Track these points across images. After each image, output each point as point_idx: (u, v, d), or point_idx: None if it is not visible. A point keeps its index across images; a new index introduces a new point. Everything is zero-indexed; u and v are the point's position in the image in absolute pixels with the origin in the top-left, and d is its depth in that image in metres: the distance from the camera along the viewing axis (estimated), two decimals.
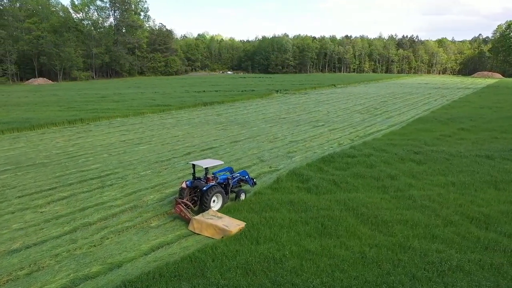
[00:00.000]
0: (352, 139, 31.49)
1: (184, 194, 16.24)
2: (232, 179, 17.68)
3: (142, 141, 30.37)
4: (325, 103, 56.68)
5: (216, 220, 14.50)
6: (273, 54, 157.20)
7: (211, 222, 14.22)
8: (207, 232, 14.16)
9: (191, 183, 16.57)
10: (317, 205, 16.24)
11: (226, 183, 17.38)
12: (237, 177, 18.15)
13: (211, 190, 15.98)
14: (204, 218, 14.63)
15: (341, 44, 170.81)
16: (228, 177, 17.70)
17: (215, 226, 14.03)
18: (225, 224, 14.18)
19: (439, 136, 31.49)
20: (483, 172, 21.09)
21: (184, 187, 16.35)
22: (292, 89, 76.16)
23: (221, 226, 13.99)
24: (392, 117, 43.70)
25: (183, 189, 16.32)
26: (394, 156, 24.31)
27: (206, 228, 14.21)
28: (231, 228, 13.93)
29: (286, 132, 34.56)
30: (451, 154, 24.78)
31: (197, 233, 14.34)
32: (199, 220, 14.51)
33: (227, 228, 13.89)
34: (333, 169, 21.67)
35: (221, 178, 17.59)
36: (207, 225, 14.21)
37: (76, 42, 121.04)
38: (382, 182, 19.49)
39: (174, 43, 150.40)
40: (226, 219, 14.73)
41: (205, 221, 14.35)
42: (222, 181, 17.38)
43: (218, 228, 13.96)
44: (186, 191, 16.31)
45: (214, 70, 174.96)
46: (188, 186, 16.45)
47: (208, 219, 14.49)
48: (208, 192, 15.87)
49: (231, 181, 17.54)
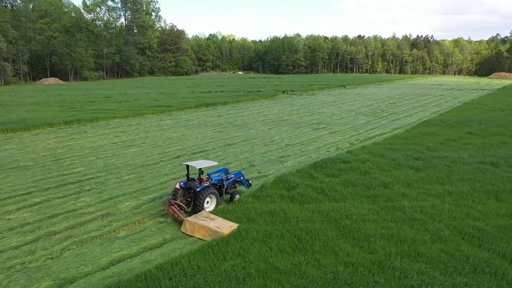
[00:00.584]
0: (351, 143, 30.23)
1: (178, 195, 16.09)
2: (226, 180, 17.50)
3: (134, 143, 29.66)
4: (330, 105, 55.32)
5: (208, 221, 14.32)
6: (284, 55, 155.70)
7: (203, 224, 14.06)
8: (198, 233, 13.99)
9: (185, 184, 16.45)
10: (298, 216, 15.15)
11: (220, 184, 17.21)
12: (231, 178, 17.94)
13: (205, 191, 15.85)
14: (196, 219, 14.46)
15: (353, 44, 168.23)
16: (223, 178, 17.52)
17: (207, 227, 13.85)
18: (217, 225, 13.99)
19: (443, 140, 29.97)
20: (485, 181, 19.67)
21: (178, 188, 16.22)
22: (300, 90, 74.86)
23: (213, 228, 13.80)
24: (398, 120, 42.16)
25: (177, 190, 16.19)
26: (391, 162, 23.00)
27: (198, 229, 14.05)
28: (223, 229, 13.71)
29: (285, 135, 33.45)
30: (453, 161, 23.35)
31: (189, 234, 14.16)
32: (191, 221, 14.34)
33: (219, 230, 13.68)
34: (323, 176, 20.52)
35: (215, 179, 17.36)
36: (199, 226, 14.05)
37: (87, 42, 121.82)
38: (374, 190, 18.27)
39: (185, 43, 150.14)
40: (219, 220, 14.54)
41: (197, 223, 14.18)
42: (217, 182, 17.21)
43: (210, 230, 13.78)
44: (180, 192, 16.17)
45: (225, 70, 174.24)
46: (182, 187, 16.33)
47: (200, 221, 14.32)
48: (201, 193, 15.73)
49: (226, 182, 17.36)
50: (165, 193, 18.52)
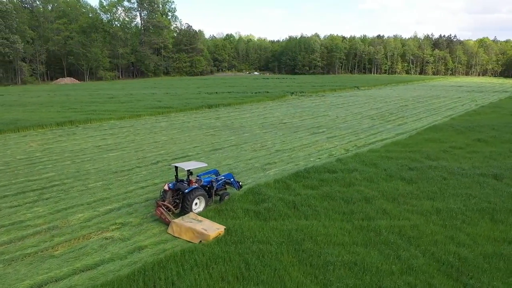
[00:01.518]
0: (347, 149, 28.28)
1: (166, 197, 15.95)
2: (216, 181, 17.35)
3: (118, 146, 28.56)
4: (338, 107, 53.18)
5: (195, 223, 14.13)
6: (300, 55, 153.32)
7: (189, 226, 13.90)
8: (185, 235, 13.83)
9: (173, 185, 16.31)
10: (256, 235, 13.52)
11: (210, 186, 17.10)
12: (221, 180, 17.73)
13: (193, 192, 15.72)
14: (183, 221, 14.31)
15: (372, 44, 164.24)
16: (212, 179, 17.37)
17: (193, 230, 13.68)
18: (204, 228, 13.79)
19: (447, 148, 27.66)
20: (482, 197, 17.52)
21: (167, 190, 16.10)
22: (310, 91, 72.83)
23: (199, 230, 13.61)
24: (405, 124, 39.80)
25: (165, 192, 16.09)
26: (381, 173, 21.03)
27: (185, 231, 13.90)
28: (210, 232, 13.52)
29: (279, 139, 31.76)
30: (451, 172, 21.18)
31: (176, 236, 13.99)
32: (178, 223, 14.19)
33: (205, 232, 13.49)
34: (301, 188, 18.78)
35: (205, 180, 17.19)
36: (186, 228, 13.90)
37: (103, 43, 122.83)
38: (352, 206, 16.44)
39: (200, 43, 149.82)
40: (206, 222, 14.33)
41: (184, 225, 14.02)
42: (206, 183, 17.09)
43: (197, 232, 13.60)
44: (168, 193, 16.02)
45: (241, 70, 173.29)
46: (171, 188, 16.17)
47: (187, 223, 14.16)
48: (189, 195, 15.62)
49: (215, 184, 17.21)
50: (125, 203, 17.21)
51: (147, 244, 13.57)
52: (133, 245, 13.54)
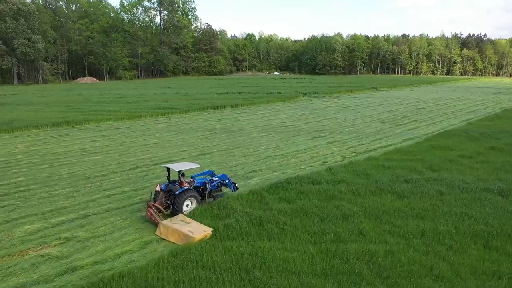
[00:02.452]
0: (344, 156, 26.27)
1: (158, 198, 15.89)
2: (210, 183, 17.06)
3: (103, 149, 27.58)
4: (349, 109, 50.84)
5: (182, 225, 13.93)
6: (321, 55, 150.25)
7: (176, 228, 13.74)
8: (172, 237, 13.68)
9: (165, 187, 16.18)
10: (202, 259, 11.94)
11: (203, 187, 16.86)
12: (216, 181, 17.45)
13: (184, 194, 15.59)
14: (171, 223, 14.17)
15: (396, 43, 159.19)
16: (206, 181, 17.08)
17: (179, 232, 13.52)
18: (190, 230, 13.59)
19: (455, 157, 25.20)
20: (479, 217, 15.29)
21: (158, 190, 16.05)
22: (325, 92, 70.50)
23: (185, 232, 13.43)
24: (416, 129, 37.24)
25: (157, 193, 16.04)
26: (371, 185, 19.00)
27: (172, 233, 13.75)
28: (196, 234, 13.35)
29: (274, 144, 30.04)
30: (450, 186, 18.91)
31: (164, 238, 13.85)
32: (165, 225, 14.05)
33: (191, 234, 13.31)
34: (276, 201, 17.03)
35: (198, 181, 16.94)
36: (173, 230, 13.75)
37: (122, 42, 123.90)
38: (326, 224, 14.60)
39: (220, 43, 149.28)
40: (194, 224, 14.13)
41: (171, 226, 13.87)
42: (199, 185, 16.86)
43: (183, 234, 13.42)
44: (160, 194, 15.96)
45: (261, 70, 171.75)
46: (163, 189, 16.08)
47: (174, 224, 14.01)
48: (180, 196, 15.48)
49: (209, 185, 16.92)
50: (82, 214, 15.98)
51: (83, 264, 12.22)
52: (68, 264, 12.22)
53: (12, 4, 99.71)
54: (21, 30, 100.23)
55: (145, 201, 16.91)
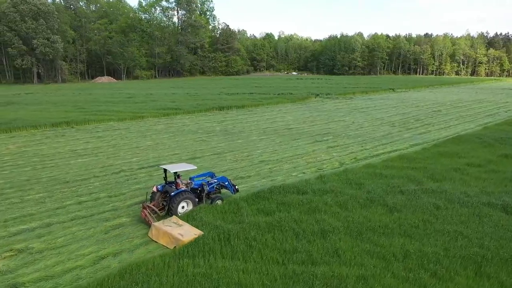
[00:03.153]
0: (342, 163, 24.74)
1: (155, 199, 15.88)
2: (207, 185, 16.88)
3: (94, 151, 26.93)
4: (360, 111, 48.93)
5: (173, 228, 13.69)
6: (340, 54, 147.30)
7: (166, 230, 13.50)
8: (162, 240, 13.49)
9: (162, 188, 16.17)
10: (147, 281, 10.80)
11: (200, 189, 16.68)
12: (214, 183, 17.26)
13: (179, 195, 15.47)
14: (163, 225, 13.92)
15: (417, 43, 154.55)
16: (203, 182, 16.89)
17: (169, 234, 13.30)
18: (181, 233, 13.34)
19: (462, 165, 23.29)
20: (474, 237, 13.62)
21: (155, 191, 16.04)
22: (339, 93, 68.50)
23: (175, 235, 13.20)
24: (426, 133, 35.20)
25: (154, 193, 16.04)
26: (362, 196, 17.47)
27: (162, 236, 13.54)
28: (185, 237, 13.09)
29: (271, 148, 28.74)
30: (450, 199, 17.19)
31: (154, 240, 13.66)
32: (157, 227, 13.82)
33: (180, 237, 13.06)
34: (253, 212, 15.75)
35: (195, 183, 16.74)
36: (163, 233, 13.52)
37: (140, 42, 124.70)
38: (300, 242, 13.25)
39: (237, 42, 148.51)
40: (186, 227, 13.87)
41: (162, 229, 13.63)
42: (197, 186, 16.67)
43: (173, 237, 13.19)
44: (157, 195, 15.95)
45: (279, 70, 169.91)
46: (159, 190, 16.06)
47: (166, 227, 13.76)
48: (175, 198, 15.37)
49: (207, 187, 16.73)
50: (45, 223, 15.15)
51: (26, 281, 11.31)
52: (10, 281, 11.33)
53: (32, 5, 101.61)
54: (40, 30, 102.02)
55: (140, 202, 16.70)
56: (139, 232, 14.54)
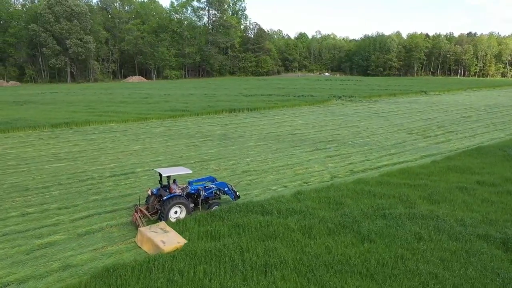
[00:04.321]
0: (334, 175, 22.22)
1: (150, 202, 15.59)
2: (204, 190, 16.36)
3: (75, 155, 25.95)
4: (379, 116, 45.55)
5: (158, 234, 13.11)
6: (374, 55, 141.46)
7: (150, 236, 12.94)
8: (145, 246, 13.01)
9: (157, 191, 15.83)
10: None
11: (197, 194, 16.24)
12: (212, 189, 16.69)
13: (170, 200, 14.94)
14: (148, 230, 13.36)
15: (459, 43, 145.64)
16: (200, 187, 16.39)
17: (152, 241, 12.76)
18: (164, 240, 12.74)
19: (472, 183, 20.09)
20: (451, 283, 10.90)
21: (150, 195, 15.75)
22: (363, 96, 64.78)
23: (157, 242, 12.62)
24: (446, 142, 31.76)
25: (149, 197, 15.76)
26: (334, 220, 15.00)
27: (146, 242, 13.05)
28: (167, 245, 12.49)
29: (264, 155, 26.59)
30: (438, 228, 14.37)
31: (139, 246, 13.25)
32: (142, 232, 13.33)
33: (161, 246, 12.45)
34: (198, 236, 13.72)
35: (192, 188, 16.29)
36: (147, 239, 13.02)
37: (170, 42, 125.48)
38: (233, 279, 11.11)
39: (268, 42, 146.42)
40: (171, 234, 13.28)
41: (146, 235, 13.10)
42: (194, 191, 16.26)
43: (154, 244, 12.65)
44: (152, 198, 15.63)
45: (312, 71, 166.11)
46: (154, 194, 15.74)
47: (151, 232, 13.19)
48: (166, 202, 14.88)
49: (203, 192, 16.24)
50: None
51: None
52: None
53: (66, 6, 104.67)
54: (74, 30, 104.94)
55: (133, 204, 16.17)
56: (67, 253, 12.96)
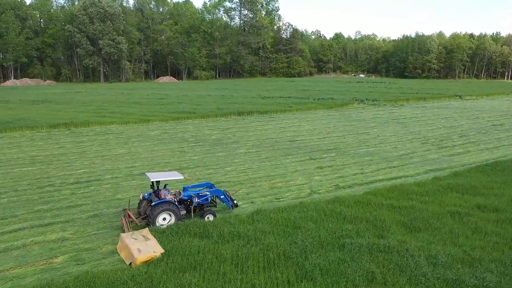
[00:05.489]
0: (313, 191, 19.91)
1: (142, 207, 15.24)
2: (198, 197, 15.79)
3: (53, 158, 25.37)
4: (398, 122, 42.10)
5: (137, 242, 12.51)
6: (412, 56, 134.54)
7: (127, 244, 12.40)
8: (123, 253, 12.55)
9: (148, 196, 15.37)
10: None
11: (190, 201, 15.68)
12: (206, 196, 16.10)
13: (158, 206, 14.47)
14: (128, 237, 12.84)
15: (507, 43, 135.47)
16: (192, 194, 15.80)
17: (129, 249, 12.22)
18: (140, 248, 12.14)
19: (469, 207, 17.05)
20: None
21: (142, 199, 15.41)
22: (388, 100, 60.92)
23: (132, 250, 12.06)
24: (462, 154, 28.31)
25: (141, 201, 15.42)
26: (279, 249, 12.82)
27: (123, 249, 12.59)
28: (141, 254, 11.87)
29: (249, 164, 24.67)
30: (400, 267, 11.78)
31: (118, 252, 12.78)
32: (122, 238, 12.89)
33: (136, 254, 11.83)
34: (106, 264, 12.07)
35: (184, 194, 15.76)
36: (125, 246, 12.54)
37: (201, 43, 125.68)
38: None
39: (301, 43, 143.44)
40: (150, 243, 12.62)
41: (125, 241, 12.62)
42: (186, 198, 15.70)
43: (129, 252, 12.12)
44: (144, 203, 15.25)
45: (346, 72, 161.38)
46: (145, 198, 15.32)
47: (130, 239, 12.65)
48: (154, 209, 14.43)
49: (196, 199, 15.66)
50: None
51: None
52: None
53: (100, 7, 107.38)
54: (106, 31, 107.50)
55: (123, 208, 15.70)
56: None
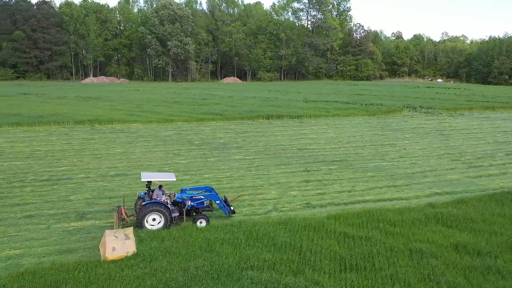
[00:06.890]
0: (275, 208, 17.94)
1: (137, 205, 15.49)
2: (190, 200, 15.70)
3: (48, 154, 26.56)
4: (440, 134, 37.21)
5: (116, 240, 12.69)
6: (498, 60, 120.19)
7: (106, 240, 12.63)
8: (101, 249, 12.82)
9: (143, 195, 15.60)
10: None
11: (183, 203, 15.64)
12: (199, 200, 15.97)
13: (147, 207, 14.55)
14: (111, 234, 13.05)
15: None
16: (185, 197, 15.75)
17: (105, 246, 12.47)
18: (116, 247, 12.37)
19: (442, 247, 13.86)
20: None
21: (138, 198, 15.75)
22: (447, 108, 54.54)
23: (108, 247, 12.31)
24: (492, 176, 23.92)
25: (138, 199, 15.68)
26: (157, 277, 11.34)
27: (102, 245, 12.86)
28: (115, 253, 12.18)
29: (234, 172, 23.37)
30: None
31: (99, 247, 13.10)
32: (105, 235, 13.05)
33: (109, 252, 12.15)
34: None
35: (178, 196, 15.77)
36: (103, 242, 12.83)
37: (267, 44, 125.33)
38: None
39: (372, 45, 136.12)
40: (128, 242, 12.70)
41: (105, 238, 12.84)
42: (180, 200, 15.69)
43: (104, 249, 12.41)
44: (139, 202, 15.43)
45: (423, 77, 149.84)
46: (141, 197, 15.59)
47: (111, 236, 12.86)
48: (143, 209, 14.56)
49: (188, 202, 15.59)
50: None
51: None
52: None
53: (170, 10, 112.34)
54: (175, 33, 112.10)
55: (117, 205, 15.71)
56: None
